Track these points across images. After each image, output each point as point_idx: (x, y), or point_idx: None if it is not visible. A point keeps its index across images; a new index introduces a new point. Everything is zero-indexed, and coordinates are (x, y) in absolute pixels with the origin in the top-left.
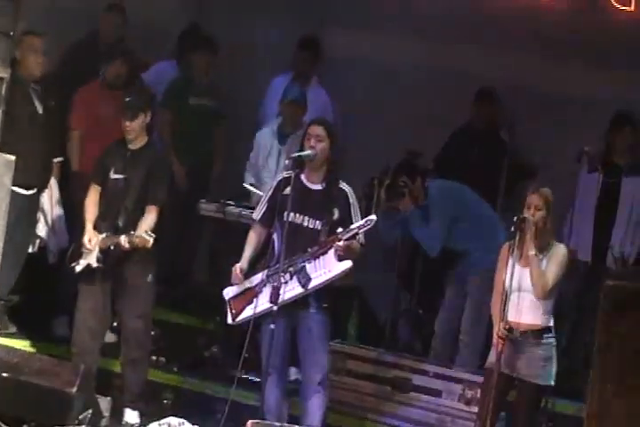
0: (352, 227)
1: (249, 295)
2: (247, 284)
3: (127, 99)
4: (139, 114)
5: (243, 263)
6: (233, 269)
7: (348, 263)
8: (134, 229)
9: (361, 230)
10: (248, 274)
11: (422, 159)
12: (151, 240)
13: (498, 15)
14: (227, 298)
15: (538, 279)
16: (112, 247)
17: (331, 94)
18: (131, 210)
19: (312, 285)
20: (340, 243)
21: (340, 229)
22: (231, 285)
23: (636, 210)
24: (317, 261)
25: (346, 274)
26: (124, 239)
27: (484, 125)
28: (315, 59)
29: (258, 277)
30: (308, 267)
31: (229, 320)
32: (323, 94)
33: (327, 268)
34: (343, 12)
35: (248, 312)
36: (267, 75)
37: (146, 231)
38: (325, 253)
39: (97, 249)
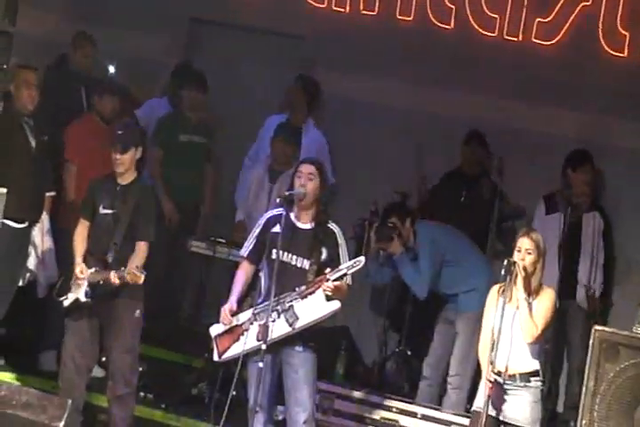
0: (341, 267)
1: (235, 333)
2: (234, 321)
3: (119, 132)
4: (130, 148)
5: (232, 304)
6: (222, 310)
7: (336, 304)
8: (123, 265)
9: (349, 271)
10: (235, 311)
11: (412, 201)
12: (142, 277)
13: (488, 59)
14: (213, 335)
15: (527, 324)
16: (101, 282)
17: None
18: (119, 245)
19: (299, 324)
20: (329, 283)
21: (328, 270)
22: (218, 322)
23: (598, 245)
24: (306, 300)
25: (335, 314)
26: (113, 275)
27: (474, 168)
28: (310, 98)
29: (245, 315)
30: (296, 306)
31: (215, 357)
32: (318, 135)
33: (315, 308)
34: (333, 54)
35: (235, 350)
36: (258, 113)
37: (137, 267)
38: (313, 293)
39: (85, 284)
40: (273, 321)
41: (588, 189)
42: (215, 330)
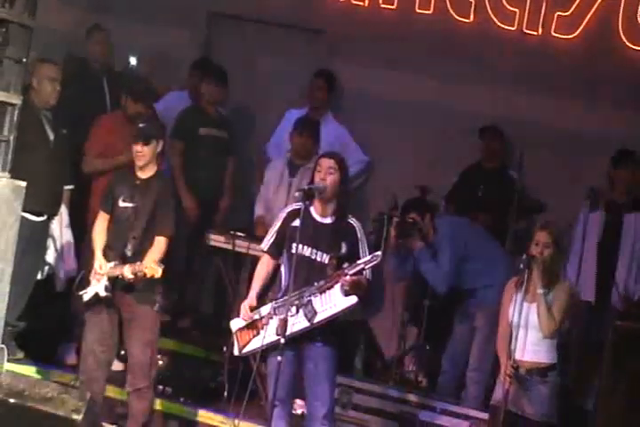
0: (358, 262)
1: (256, 327)
2: (255, 316)
3: (141, 125)
4: (151, 140)
5: (252, 300)
6: (242, 306)
7: (353, 299)
8: (142, 259)
9: (367, 266)
10: (255, 306)
11: (432, 196)
12: (160, 270)
13: (508, 54)
14: (233, 329)
15: (545, 318)
16: (120, 276)
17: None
18: (139, 239)
19: (318, 319)
20: (347, 278)
21: (346, 264)
22: (238, 316)
23: (639, 246)
24: (324, 295)
25: (354, 309)
26: (127, 269)
27: (492, 162)
28: (329, 92)
29: (265, 309)
30: (315, 301)
31: (236, 352)
32: (338, 127)
33: (333, 302)
34: (352, 48)
35: (254, 344)
36: (277, 107)
37: (154, 261)
38: (332, 287)
39: (105, 278)
40: (292, 316)
41: (628, 188)
42: (236, 324)
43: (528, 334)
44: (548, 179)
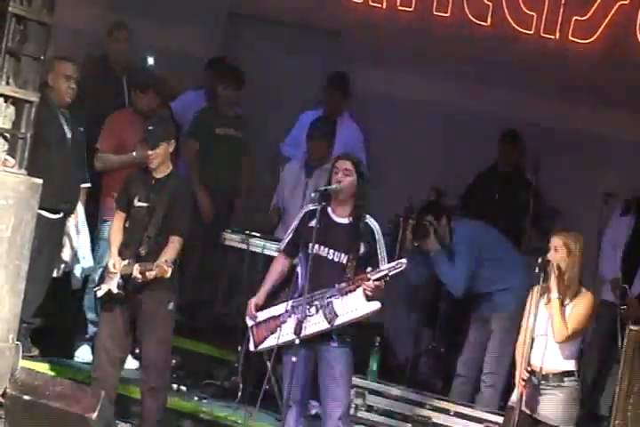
0: (382, 268)
1: (273, 324)
2: (273, 312)
3: (149, 128)
4: (160, 143)
5: (259, 298)
6: (248, 303)
7: (376, 304)
8: (156, 258)
9: (391, 272)
10: (270, 303)
11: (448, 199)
12: (170, 271)
13: (526, 57)
14: (249, 325)
15: (557, 324)
16: (133, 275)
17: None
18: (153, 238)
19: (338, 322)
20: (370, 283)
21: (369, 269)
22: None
23: None
24: (345, 298)
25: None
26: (136, 269)
27: (510, 167)
28: (344, 94)
29: (283, 307)
30: (336, 303)
31: (251, 347)
32: (354, 128)
33: (354, 306)
34: (369, 50)
35: (270, 341)
36: (293, 107)
37: (165, 261)
38: (354, 291)
39: (118, 275)
40: (310, 316)
41: None
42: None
43: (546, 340)
44: (563, 182)
